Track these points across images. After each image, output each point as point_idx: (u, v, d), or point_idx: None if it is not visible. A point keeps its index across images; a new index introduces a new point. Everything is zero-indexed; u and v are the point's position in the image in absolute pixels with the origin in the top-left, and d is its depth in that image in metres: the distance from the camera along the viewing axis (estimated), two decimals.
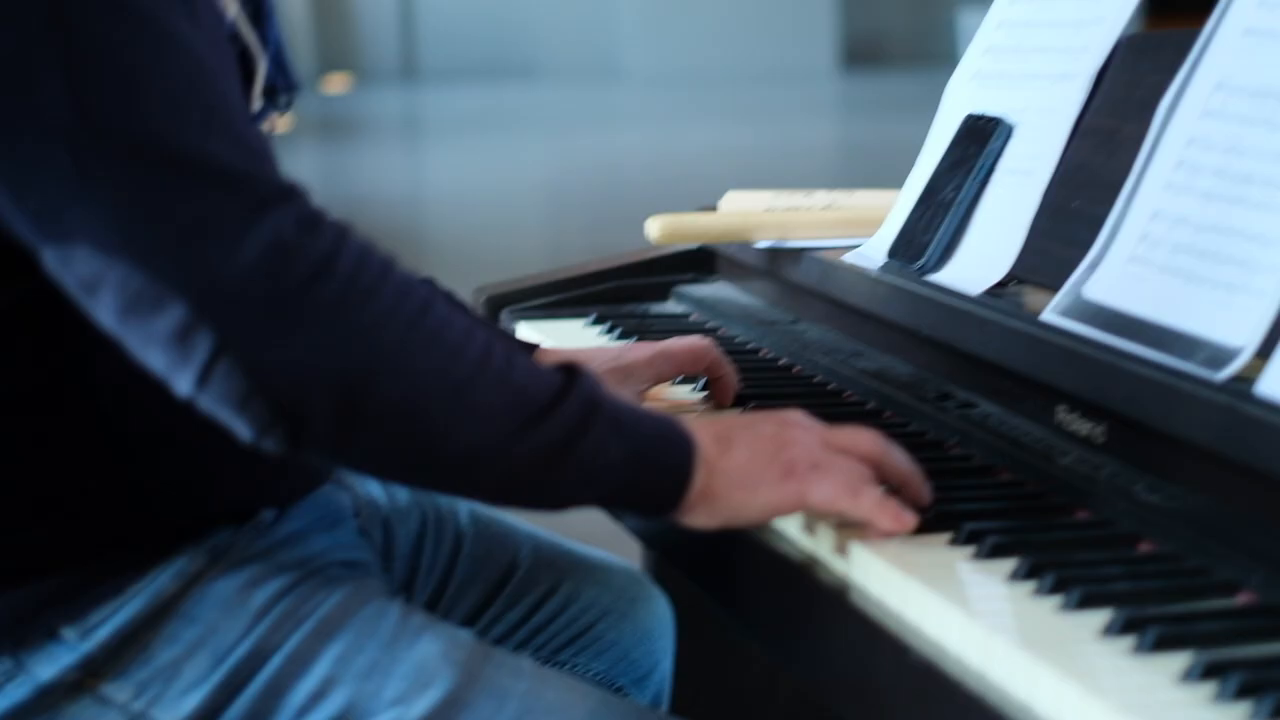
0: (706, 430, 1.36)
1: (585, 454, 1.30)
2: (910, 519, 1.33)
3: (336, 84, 16.93)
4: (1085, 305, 1.48)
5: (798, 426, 1.38)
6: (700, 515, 1.35)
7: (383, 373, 1.25)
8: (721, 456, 1.35)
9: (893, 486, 1.37)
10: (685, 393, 1.75)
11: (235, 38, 1.42)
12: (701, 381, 1.74)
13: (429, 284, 1.43)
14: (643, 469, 1.33)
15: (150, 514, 1.39)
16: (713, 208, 2.12)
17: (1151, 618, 1.15)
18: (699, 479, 1.34)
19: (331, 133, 12.78)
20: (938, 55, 17.29)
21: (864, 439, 1.38)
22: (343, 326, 1.24)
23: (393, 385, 1.25)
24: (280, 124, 1.57)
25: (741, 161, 10.68)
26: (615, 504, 1.37)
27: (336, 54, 17.42)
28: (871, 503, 1.33)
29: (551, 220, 9.36)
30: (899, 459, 1.38)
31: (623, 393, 1.62)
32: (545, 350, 1.74)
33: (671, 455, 1.33)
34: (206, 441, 1.33)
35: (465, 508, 1.75)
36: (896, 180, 1.88)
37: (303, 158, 10.82)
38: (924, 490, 1.38)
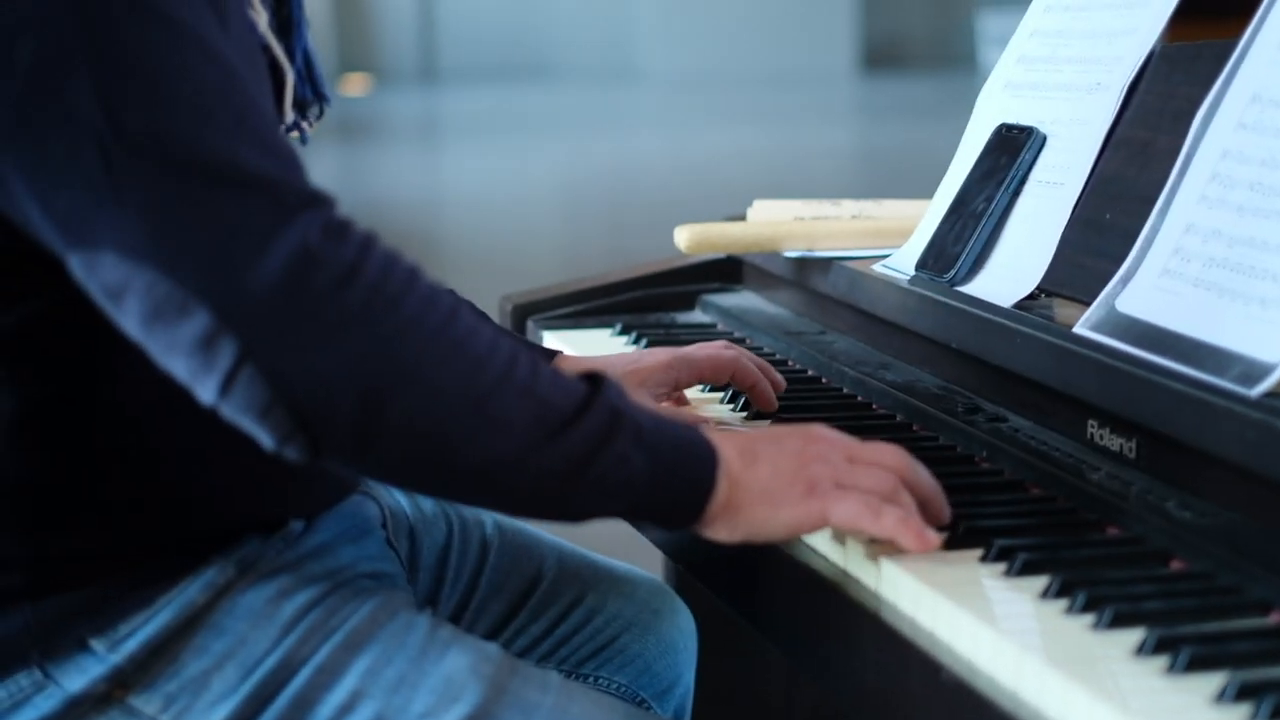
0: (731, 443, 1.35)
1: (608, 466, 1.29)
2: (934, 539, 1.32)
3: (355, 84, 16.95)
4: (1117, 319, 1.47)
5: (823, 441, 1.37)
6: (722, 529, 1.35)
7: (405, 383, 1.24)
8: (745, 470, 1.34)
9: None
10: (726, 413, 1.74)
11: (265, 49, 1.42)
12: (741, 399, 1.73)
13: (453, 295, 1.43)
14: (665, 481, 1.32)
15: (179, 525, 1.39)
16: (740, 217, 2.12)
17: (1184, 637, 1.14)
18: (722, 492, 1.33)
19: (350, 134, 12.79)
20: (958, 58, 17.29)
21: (889, 455, 1.37)
22: (366, 336, 1.23)
23: (415, 396, 1.24)
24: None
25: (760, 165, 10.68)
26: (637, 516, 1.36)
27: (356, 54, 17.43)
28: (894, 522, 1.32)
29: (569, 222, 9.36)
30: (923, 477, 1.37)
31: (641, 397, 1.61)
32: (566, 357, 1.73)
33: (694, 468, 1.33)
34: (234, 452, 1.33)
35: (491, 518, 1.74)
36: (916, 184, 1.87)
37: (321, 159, 10.82)
38: (945, 511, 1.37)
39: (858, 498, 1.33)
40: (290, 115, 1.48)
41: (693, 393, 1.77)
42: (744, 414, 1.72)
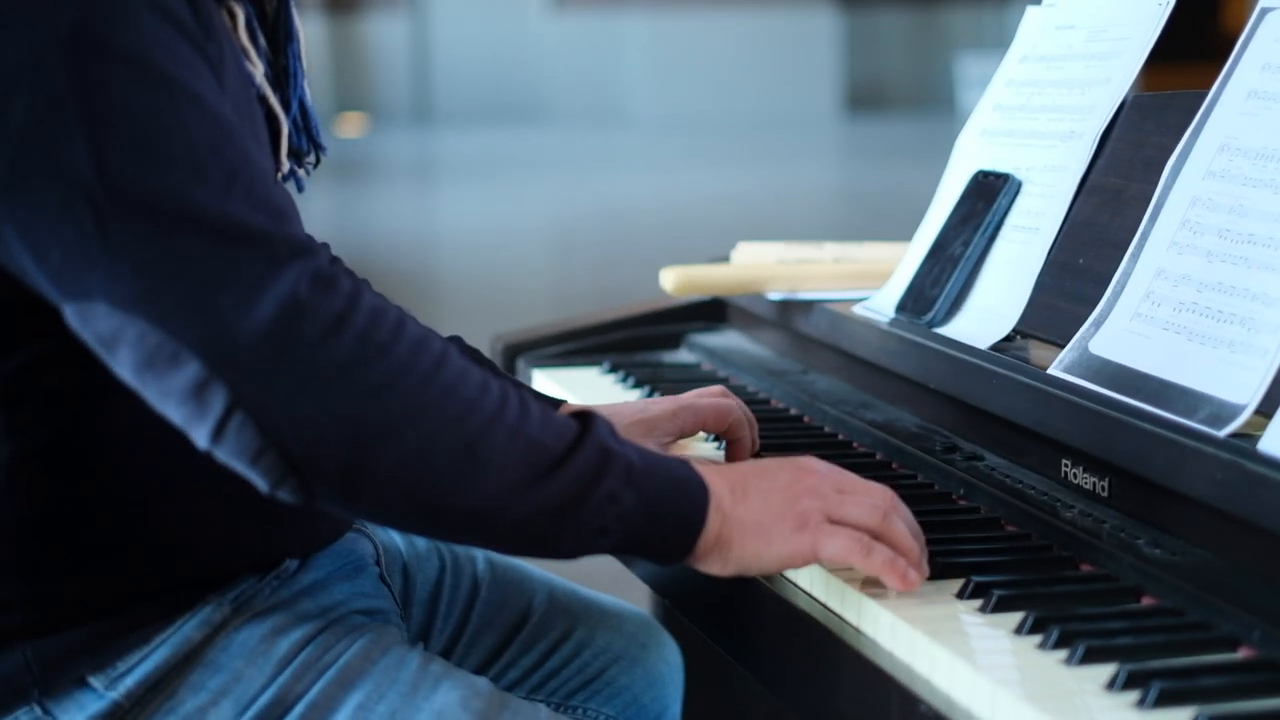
0: (722, 477, 1.38)
1: (598, 505, 1.32)
2: (917, 579, 1.35)
3: (351, 125, 17.00)
4: (1090, 361, 1.51)
5: (813, 474, 1.40)
6: (714, 563, 1.37)
7: (394, 430, 1.27)
8: (736, 505, 1.36)
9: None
10: (705, 448, 1.77)
11: (262, 99, 1.45)
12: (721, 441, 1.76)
13: (441, 339, 1.45)
14: (656, 518, 1.34)
15: (176, 565, 1.42)
16: (725, 259, 2.15)
17: (1155, 672, 1.17)
18: (713, 527, 1.36)
19: (345, 173, 12.82)
20: (937, 100, 17.39)
21: (877, 489, 1.40)
22: (355, 385, 1.26)
23: (404, 442, 1.27)
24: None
25: (746, 205, 10.72)
26: (629, 552, 1.38)
27: (351, 95, 17.50)
28: (883, 561, 1.35)
29: (560, 262, 9.40)
30: (906, 514, 1.40)
31: (648, 445, 1.63)
32: (569, 406, 1.75)
33: (685, 504, 1.35)
34: (230, 494, 1.35)
35: (482, 554, 1.77)
36: (897, 223, 1.91)
37: (317, 198, 10.86)
38: (923, 551, 1.39)
39: (848, 534, 1.35)
40: (286, 164, 1.51)
41: None
42: (720, 450, 1.75)
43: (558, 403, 1.72)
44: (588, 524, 1.32)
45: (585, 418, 1.36)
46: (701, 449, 1.77)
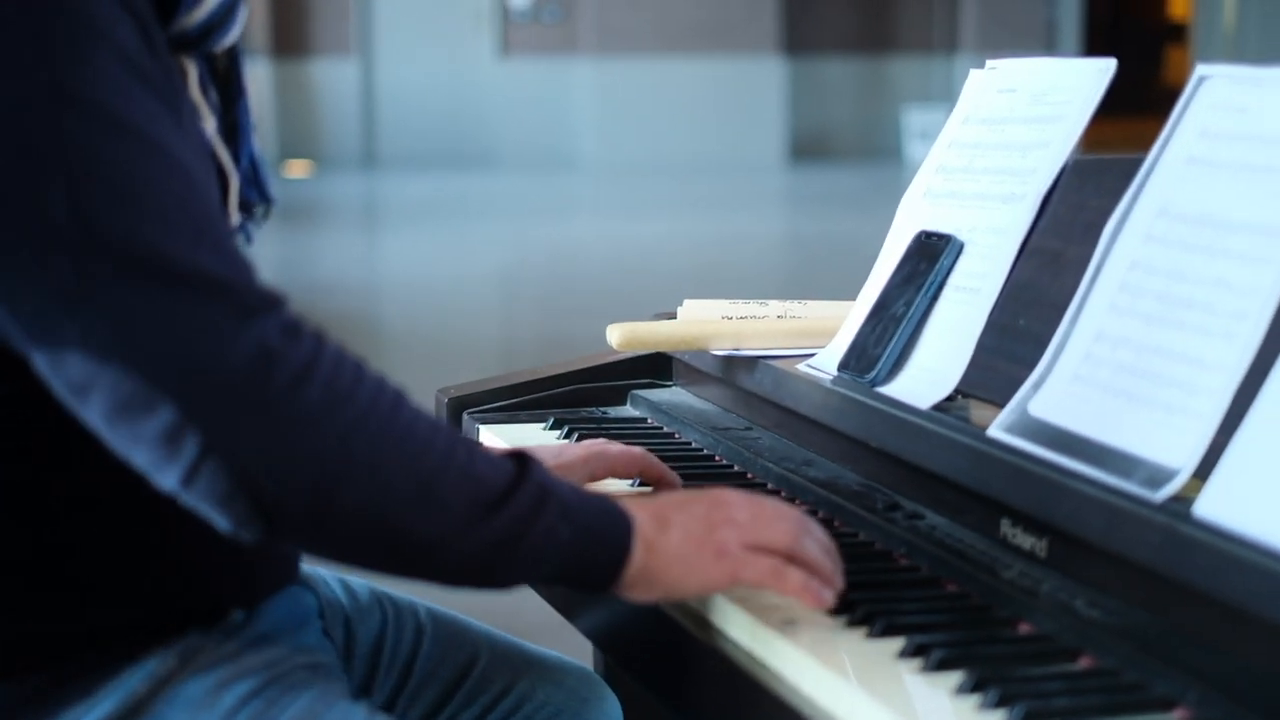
0: (645, 510, 1.44)
1: (537, 537, 1.37)
2: (830, 598, 1.42)
3: (298, 169, 16.99)
4: (1030, 422, 1.53)
5: (729, 504, 1.46)
6: (638, 591, 1.43)
7: (358, 472, 1.30)
8: (659, 536, 1.42)
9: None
10: (623, 486, 1.80)
11: (213, 154, 1.47)
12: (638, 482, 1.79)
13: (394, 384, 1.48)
14: (587, 549, 1.40)
15: (121, 614, 1.42)
16: (671, 315, 2.17)
17: None
18: (638, 558, 1.42)
19: (292, 218, 12.81)
20: (885, 151, 17.50)
21: (789, 512, 1.47)
22: (323, 430, 1.29)
23: (367, 483, 1.31)
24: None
25: (694, 253, 10.75)
26: (559, 581, 1.43)
27: (298, 140, 17.49)
28: (795, 583, 1.41)
29: (507, 310, 9.41)
30: (819, 534, 1.47)
31: None
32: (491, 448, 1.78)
33: (613, 536, 1.41)
34: (178, 543, 1.37)
35: (424, 606, 1.79)
36: (844, 273, 1.92)
37: (263, 243, 10.83)
38: (839, 569, 1.46)
39: (764, 560, 1.42)
40: (236, 217, 1.53)
41: None
42: (643, 487, 1.79)
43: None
44: (527, 556, 1.37)
45: (521, 457, 1.41)
46: (617, 486, 1.79)
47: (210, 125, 1.47)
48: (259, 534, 1.31)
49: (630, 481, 1.80)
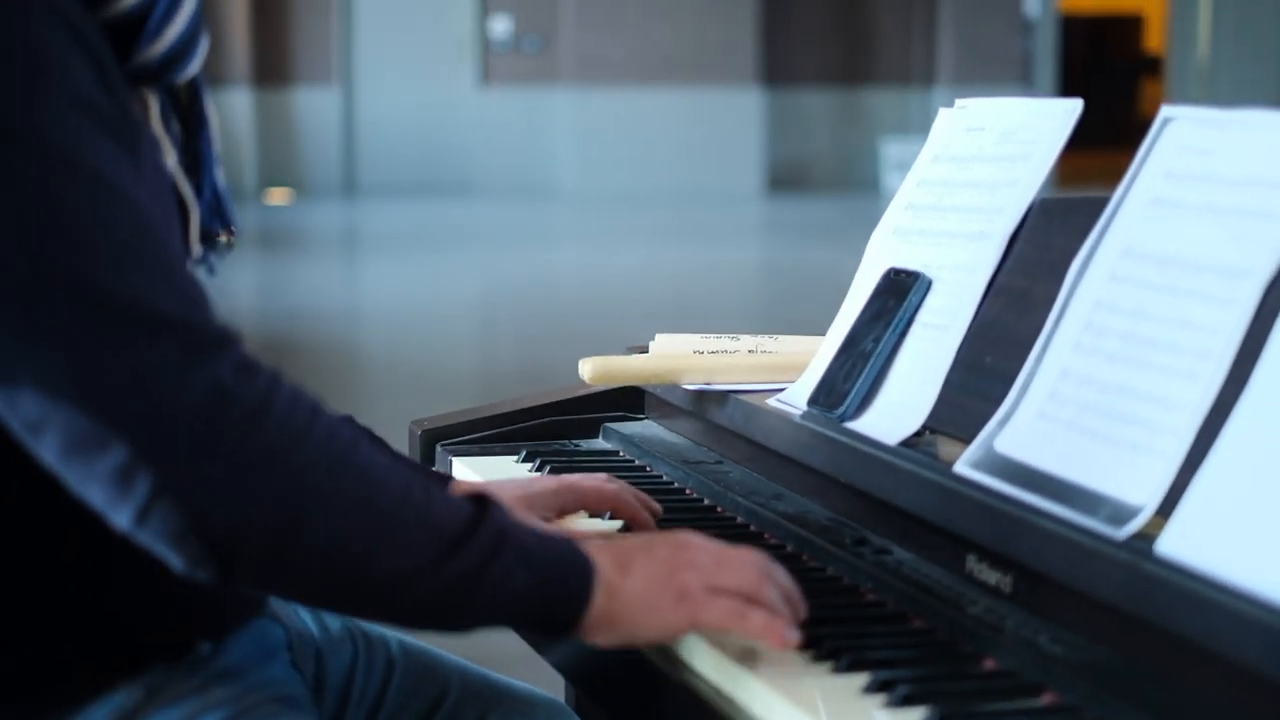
0: (606, 555, 1.44)
1: (494, 580, 1.37)
2: (793, 638, 1.41)
3: (278, 196, 17.00)
4: (995, 459, 1.54)
5: (691, 548, 1.47)
6: (601, 635, 1.43)
7: (312, 513, 1.30)
8: (621, 580, 1.42)
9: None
10: (600, 525, 1.80)
11: (173, 187, 1.48)
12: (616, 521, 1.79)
13: (350, 422, 1.49)
14: (547, 594, 1.40)
15: (87, 648, 1.42)
16: (644, 348, 2.18)
17: None
18: (599, 602, 1.42)
19: (271, 245, 12.81)
20: (862, 182, 17.56)
21: (751, 555, 1.47)
22: (276, 470, 1.29)
23: (321, 524, 1.31)
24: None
25: (670, 282, 10.78)
26: (520, 625, 1.44)
27: (279, 168, 17.49)
28: (759, 625, 1.41)
29: (483, 336, 9.42)
30: (781, 577, 1.47)
31: (530, 519, 1.67)
32: (459, 481, 1.78)
33: (573, 581, 1.41)
34: (143, 577, 1.37)
35: (395, 638, 1.79)
36: (820, 304, 1.93)
37: (241, 270, 10.84)
38: (802, 608, 1.46)
39: (726, 603, 1.42)
40: (198, 249, 1.54)
41: None
42: (619, 524, 1.79)
43: (447, 479, 1.75)
44: (486, 599, 1.37)
45: (481, 500, 1.41)
46: (593, 523, 1.80)
47: (171, 158, 1.48)
48: (213, 574, 1.31)
49: (604, 515, 1.80)
